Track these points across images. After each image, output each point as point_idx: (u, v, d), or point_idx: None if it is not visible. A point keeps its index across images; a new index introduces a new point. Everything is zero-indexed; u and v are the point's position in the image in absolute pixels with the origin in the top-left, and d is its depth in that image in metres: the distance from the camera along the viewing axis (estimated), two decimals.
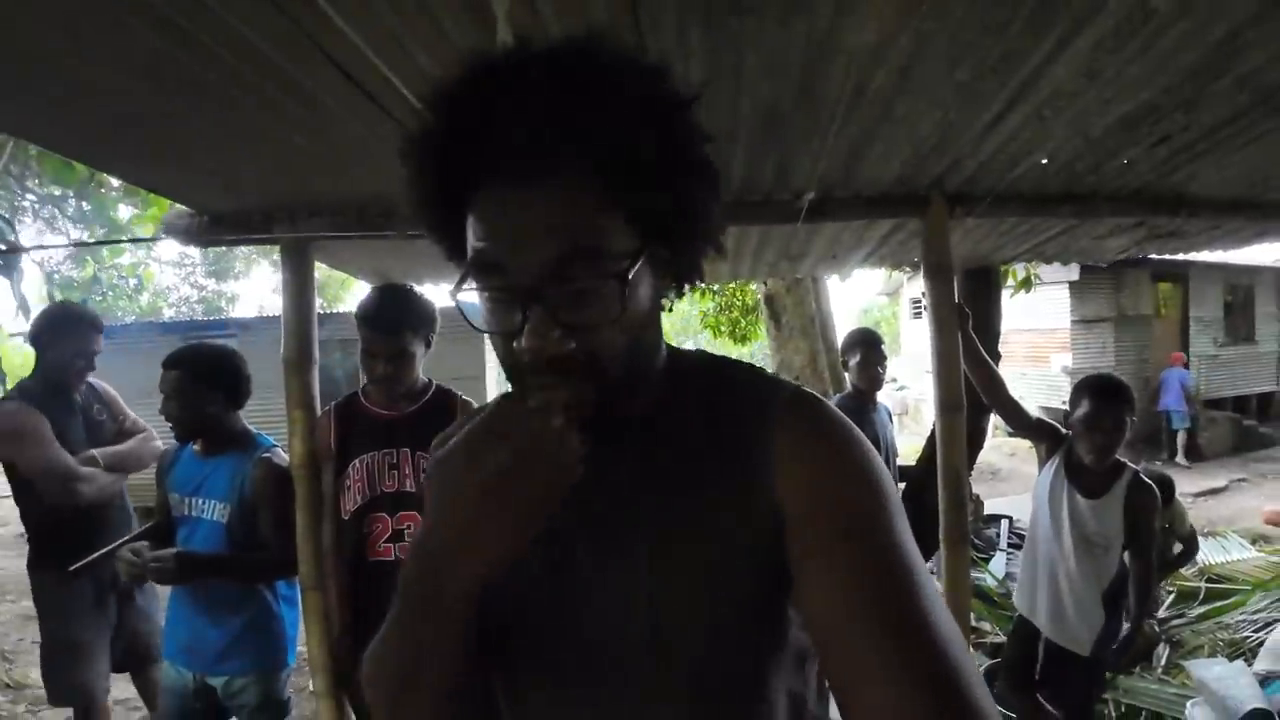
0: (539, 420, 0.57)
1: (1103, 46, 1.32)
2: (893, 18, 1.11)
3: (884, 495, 0.60)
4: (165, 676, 2.06)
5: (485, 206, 0.59)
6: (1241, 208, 2.49)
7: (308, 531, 1.90)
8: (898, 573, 0.56)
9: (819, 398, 0.67)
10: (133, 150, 1.53)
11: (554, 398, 0.59)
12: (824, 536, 0.59)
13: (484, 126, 0.56)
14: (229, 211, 1.85)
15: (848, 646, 0.54)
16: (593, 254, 0.57)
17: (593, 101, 0.55)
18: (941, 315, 1.97)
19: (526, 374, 0.60)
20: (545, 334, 0.57)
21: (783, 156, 1.68)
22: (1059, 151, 1.82)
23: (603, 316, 0.58)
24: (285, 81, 1.21)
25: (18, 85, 1.23)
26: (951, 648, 0.52)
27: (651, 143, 0.57)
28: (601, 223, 0.58)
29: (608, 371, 0.60)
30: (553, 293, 0.57)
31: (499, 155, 0.56)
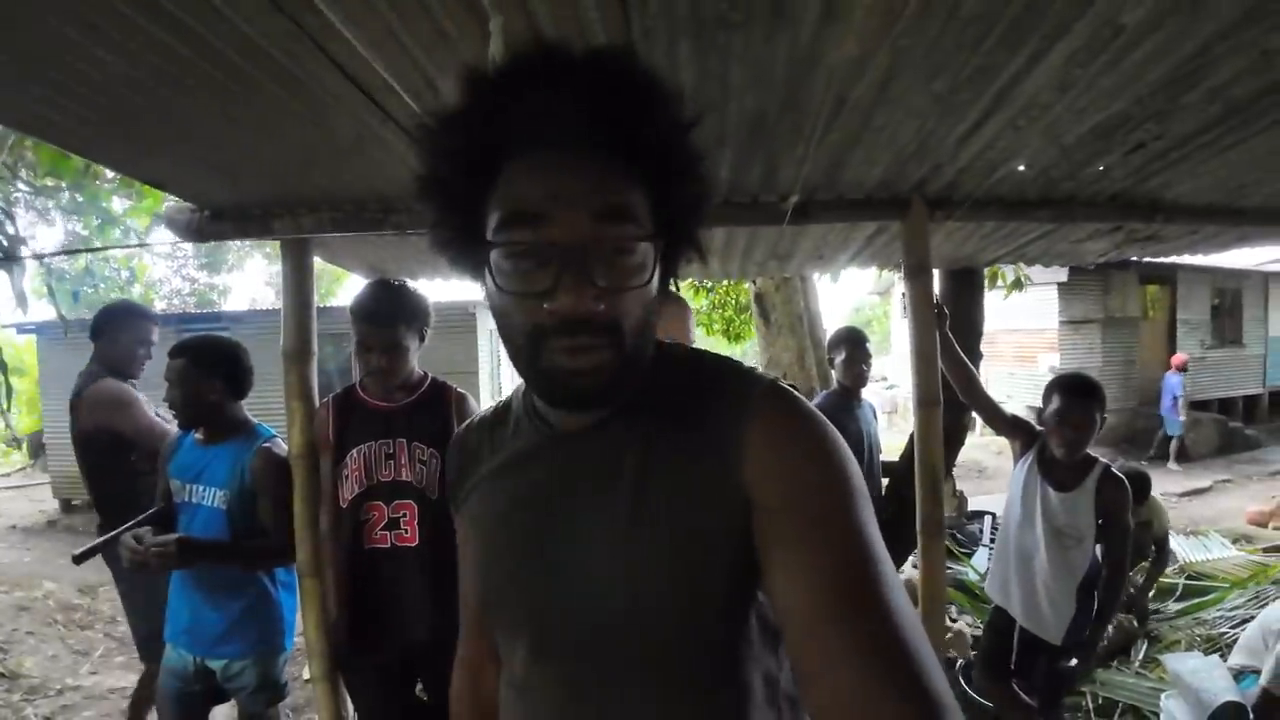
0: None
1: (1074, 60, 1.37)
2: (871, 34, 1.16)
3: (850, 487, 0.61)
4: (166, 658, 2.11)
5: (523, 169, 0.62)
6: (1217, 213, 2.54)
7: (306, 520, 1.94)
8: (860, 562, 0.57)
9: (792, 392, 0.69)
10: (133, 144, 1.57)
11: (582, 358, 0.61)
12: (789, 526, 0.60)
13: (529, 100, 0.60)
14: (229, 206, 1.89)
15: (810, 633, 0.55)
16: (628, 215, 0.61)
17: (628, 94, 0.60)
18: (920, 315, 2.03)
19: (552, 335, 0.61)
20: (583, 291, 0.59)
21: (769, 161, 1.74)
22: (1036, 158, 1.87)
23: (634, 280, 0.62)
24: (286, 79, 1.26)
25: (20, 81, 1.26)
26: (911, 635, 0.53)
27: (677, 143, 0.63)
28: (633, 191, 0.62)
29: (625, 340, 0.63)
30: (592, 250, 0.60)
31: (543, 123, 0.61)
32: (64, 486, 8.48)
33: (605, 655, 0.68)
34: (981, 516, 5.24)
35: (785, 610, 0.58)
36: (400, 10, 1.05)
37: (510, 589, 0.74)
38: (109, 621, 4.99)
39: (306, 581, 1.95)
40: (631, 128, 0.61)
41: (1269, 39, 1.36)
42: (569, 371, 0.62)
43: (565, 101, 0.60)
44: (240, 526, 2.01)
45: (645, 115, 0.61)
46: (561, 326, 0.61)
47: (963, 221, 2.16)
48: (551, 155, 0.61)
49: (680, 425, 0.68)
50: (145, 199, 4.83)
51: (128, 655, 4.49)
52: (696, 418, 0.68)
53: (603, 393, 0.64)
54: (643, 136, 0.61)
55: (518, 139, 0.62)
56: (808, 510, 0.60)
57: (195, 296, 14.48)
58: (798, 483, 0.62)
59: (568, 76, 0.60)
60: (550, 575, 0.70)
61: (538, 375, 0.65)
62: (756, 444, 0.64)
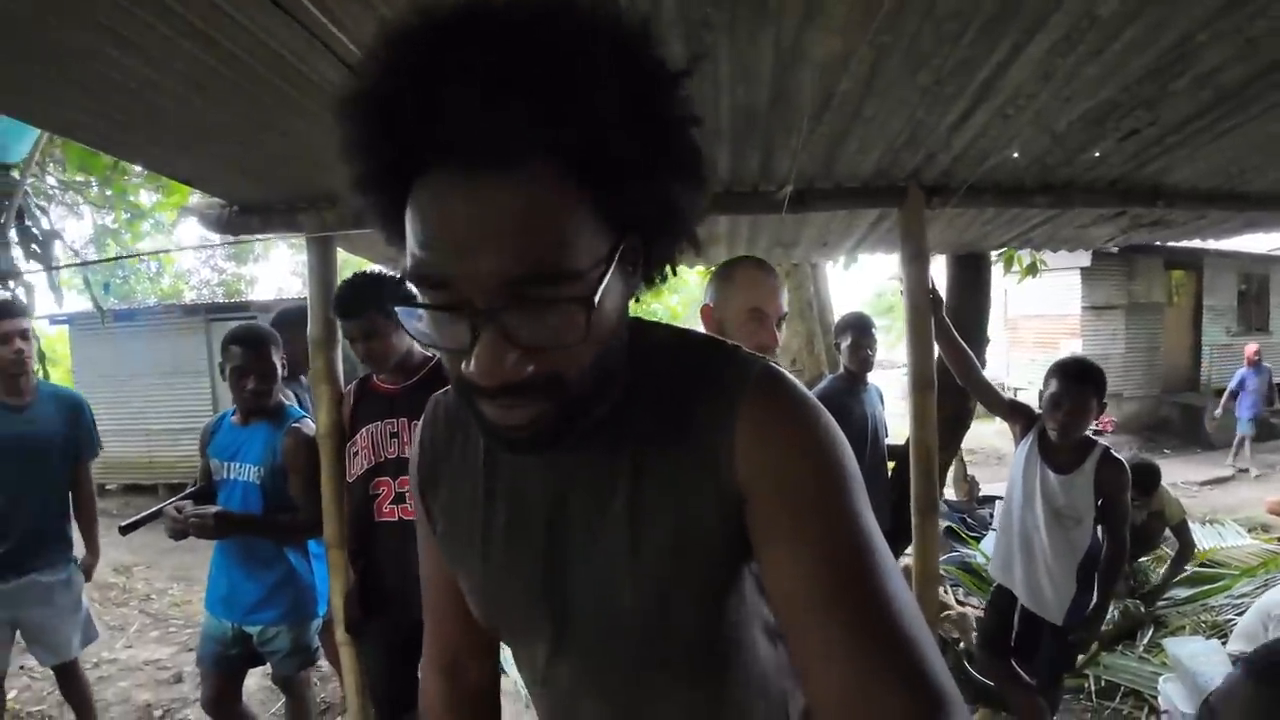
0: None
1: (1055, 51, 1.41)
2: (852, 31, 1.22)
3: (843, 474, 0.59)
4: (205, 624, 2.27)
5: (427, 199, 0.49)
6: (1221, 198, 2.55)
7: (333, 495, 2.06)
8: (854, 551, 0.56)
9: (783, 375, 0.65)
10: (163, 145, 1.67)
11: (515, 414, 0.55)
12: (782, 517, 0.58)
13: (429, 95, 0.46)
14: (256, 201, 2.00)
15: (806, 624, 0.54)
16: (556, 274, 0.49)
17: (563, 72, 0.45)
18: (916, 301, 2.09)
19: (476, 392, 0.54)
20: (499, 359, 0.50)
21: (765, 151, 1.80)
22: (1029, 146, 1.91)
23: (566, 339, 0.51)
24: (307, 86, 1.35)
25: (57, 89, 1.37)
26: (909, 625, 0.52)
27: (631, 125, 0.48)
28: (569, 226, 0.49)
29: (571, 390, 0.55)
30: (510, 313, 0.49)
31: (451, 131, 0.46)
32: (97, 472, 8.75)
33: (625, 656, 0.68)
34: (992, 501, 5.24)
35: (781, 601, 0.57)
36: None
37: (523, 609, 0.72)
38: (144, 599, 5.20)
39: (333, 553, 2.07)
40: (574, 121, 0.46)
41: (1252, 26, 1.37)
42: (505, 427, 0.56)
43: (478, 99, 0.45)
44: (273, 501, 2.16)
45: (592, 99, 0.46)
46: (485, 391, 0.53)
47: (960, 208, 2.20)
48: (455, 183, 0.47)
49: (669, 424, 0.64)
50: (173, 194, 4.98)
51: (161, 630, 4.68)
52: (685, 414, 0.64)
53: (546, 442, 0.57)
54: (590, 130, 0.47)
55: (423, 145, 0.48)
56: (800, 501, 0.58)
57: (223, 286, 14.78)
58: (788, 473, 0.59)
59: (484, 56, 0.45)
60: (565, 586, 0.68)
61: (478, 423, 0.58)
62: (746, 437, 0.61)
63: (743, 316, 1.56)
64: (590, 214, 0.50)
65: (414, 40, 0.47)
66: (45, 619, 2.49)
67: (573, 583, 0.68)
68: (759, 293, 1.57)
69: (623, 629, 0.66)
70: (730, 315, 1.58)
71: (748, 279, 1.60)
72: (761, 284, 1.59)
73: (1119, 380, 10.81)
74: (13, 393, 2.37)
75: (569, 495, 0.68)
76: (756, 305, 1.56)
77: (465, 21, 0.46)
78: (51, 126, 1.69)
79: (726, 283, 1.61)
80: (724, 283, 1.62)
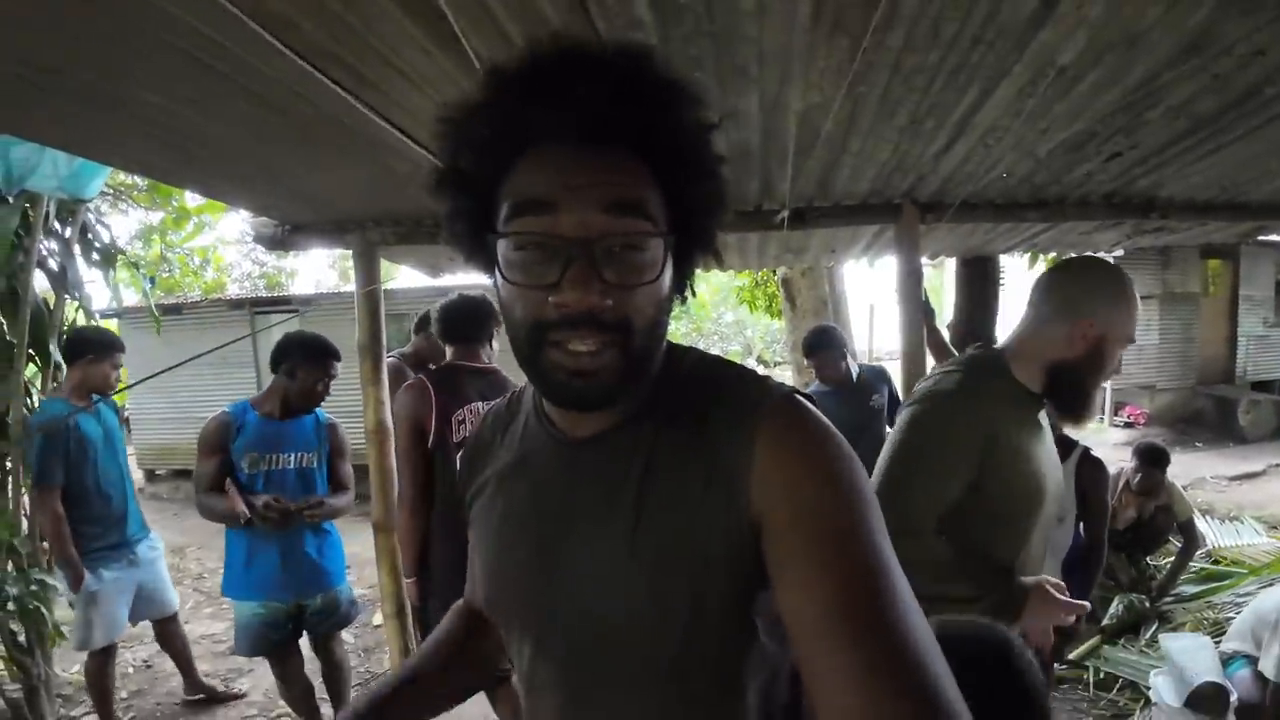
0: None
1: (1023, 93, 1.50)
2: (826, 88, 1.38)
3: (860, 500, 0.60)
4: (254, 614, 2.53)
5: (537, 161, 0.61)
6: (1218, 208, 2.61)
7: (380, 485, 2.29)
8: (871, 577, 0.56)
9: (804, 404, 0.66)
10: (227, 180, 1.89)
11: (585, 358, 0.60)
12: (799, 542, 0.59)
13: (547, 94, 0.59)
14: (308, 222, 2.23)
15: (821, 650, 0.54)
16: (640, 209, 0.60)
17: (645, 90, 0.60)
18: (909, 313, 2.23)
19: (554, 330, 0.60)
20: (589, 285, 0.58)
21: (764, 177, 1.96)
22: (1015, 168, 2.02)
23: (644, 276, 0.60)
24: (352, 135, 1.55)
25: (133, 137, 1.56)
26: (924, 653, 0.53)
27: (694, 141, 0.62)
28: (647, 188, 0.61)
29: (634, 339, 0.61)
30: (600, 244, 0.59)
31: (559, 116, 0.60)
32: (148, 458, 9.21)
33: (606, 663, 0.69)
34: None
35: (796, 627, 0.57)
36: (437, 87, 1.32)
37: (516, 593, 0.74)
38: (196, 578, 5.54)
39: (380, 536, 2.31)
40: (647, 124, 0.60)
41: (1217, 64, 1.45)
42: (570, 371, 0.61)
43: (581, 96, 0.59)
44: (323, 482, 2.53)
45: (661, 112, 0.61)
46: (564, 321, 0.59)
47: (955, 223, 2.34)
48: (566, 149, 0.60)
49: (686, 441, 0.66)
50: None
51: (215, 607, 5.01)
52: (702, 432, 0.66)
53: (606, 394, 0.62)
54: (658, 133, 0.61)
55: (534, 132, 0.61)
56: (817, 526, 0.58)
57: (264, 279, 15.25)
58: (806, 499, 0.60)
59: (585, 72, 0.59)
60: (555, 584, 0.70)
61: (538, 374, 0.64)
62: (763, 462, 0.62)
63: (1121, 343, 1.41)
64: (659, 198, 0.62)
65: (536, 59, 0.61)
66: (155, 580, 3.12)
67: (566, 580, 0.69)
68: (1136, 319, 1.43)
69: (607, 634, 0.67)
70: (1117, 338, 1.41)
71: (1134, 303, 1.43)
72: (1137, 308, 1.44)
73: (1153, 372, 10.67)
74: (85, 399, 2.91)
75: (579, 494, 0.70)
76: (1131, 334, 1.42)
77: (575, 48, 0.61)
78: (126, 167, 1.92)
79: (1122, 302, 1.41)
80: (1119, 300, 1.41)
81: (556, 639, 0.71)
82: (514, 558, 0.74)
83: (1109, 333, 1.41)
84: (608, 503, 0.67)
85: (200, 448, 2.48)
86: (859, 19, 1.14)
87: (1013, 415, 1.41)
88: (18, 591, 2.74)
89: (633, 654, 0.67)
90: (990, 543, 1.40)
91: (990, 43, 1.29)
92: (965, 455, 1.34)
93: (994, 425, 1.36)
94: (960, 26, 1.22)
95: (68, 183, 2.42)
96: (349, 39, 1.13)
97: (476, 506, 0.82)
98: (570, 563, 0.69)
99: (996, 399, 1.41)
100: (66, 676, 3.83)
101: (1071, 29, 1.26)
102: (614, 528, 0.66)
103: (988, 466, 1.35)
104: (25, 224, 2.92)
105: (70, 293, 3.25)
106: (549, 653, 0.72)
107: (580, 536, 0.69)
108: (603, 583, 0.67)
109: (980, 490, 1.35)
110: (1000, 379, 1.45)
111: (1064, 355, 1.43)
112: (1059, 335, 1.41)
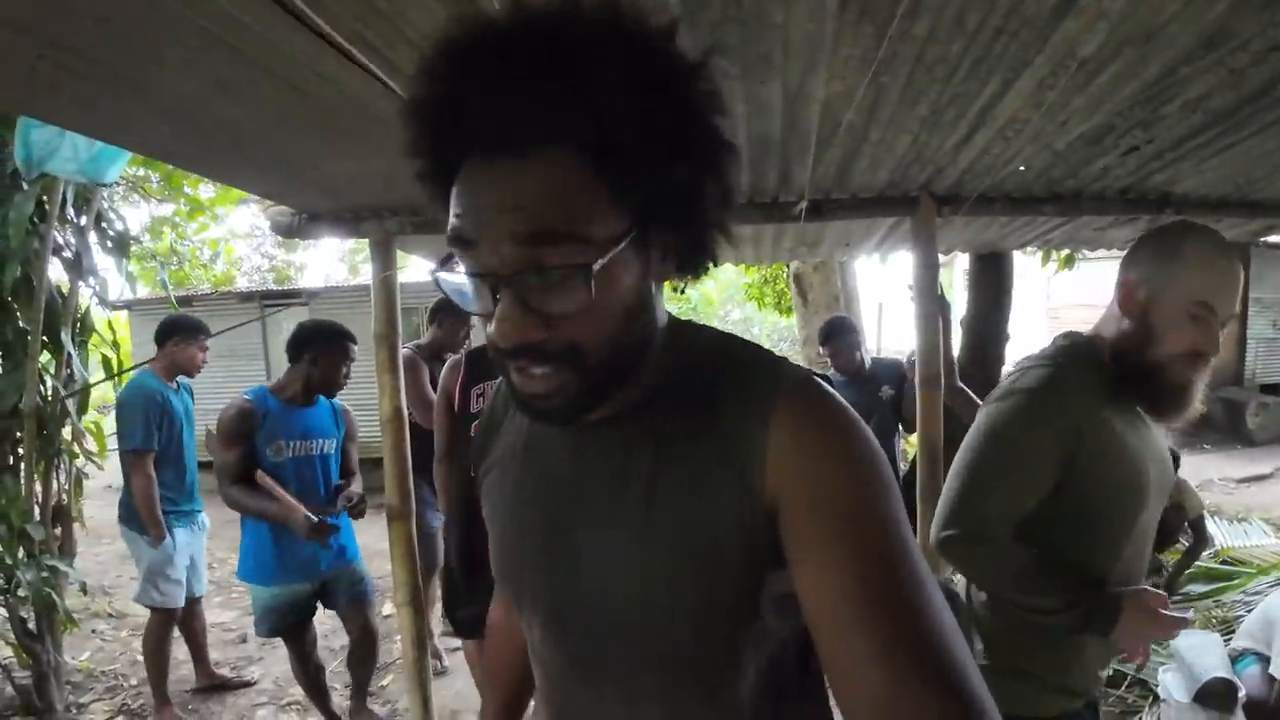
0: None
1: (1044, 85, 1.51)
2: (851, 77, 1.38)
3: (879, 484, 0.59)
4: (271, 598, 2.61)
5: (462, 180, 0.57)
6: (1231, 206, 2.61)
7: (396, 473, 2.30)
8: (889, 562, 0.55)
9: (820, 385, 0.65)
10: (246, 167, 1.89)
11: (536, 383, 0.59)
12: (817, 527, 0.58)
13: (464, 95, 0.53)
14: (325, 211, 2.23)
15: (840, 634, 0.54)
16: (559, 238, 0.54)
17: (576, 71, 0.52)
18: (925, 307, 2.23)
19: (507, 355, 0.59)
20: (515, 320, 0.56)
21: (782, 168, 1.96)
22: (1032, 161, 2.03)
23: (572, 306, 0.56)
24: (377, 122, 1.55)
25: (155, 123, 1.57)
26: (945, 638, 0.52)
27: (636, 119, 0.53)
28: (576, 203, 0.54)
29: (588, 360, 0.59)
30: (522, 279, 0.55)
31: (475, 126, 0.54)
32: None
33: (616, 646, 0.68)
34: None
35: (815, 612, 0.56)
36: None
37: (526, 574, 0.74)
38: (206, 567, 5.58)
39: (395, 525, 2.32)
40: (582, 115, 0.52)
41: (1233, 59, 1.45)
42: (529, 394, 0.60)
43: (500, 94, 0.52)
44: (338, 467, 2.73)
45: (601, 95, 0.52)
46: (506, 351, 0.58)
47: (971, 216, 2.33)
48: (485, 165, 0.55)
49: (697, 422, 0.65)
50: (231, 190, 5.29)
51: (224, 596, 5.05)
52: (715, 414, 0.64)
53: (572, 411, 0.61)
54: (598, 123, 0.53)
55: (465, 136, 0.56)
56: (835, 511, 0.57)
57: (274, 272, 15.31)
58: (823, 483, 0.59)
59: (508, 59, 0.52)
60: (564, 568, 0.69)
61: (509, 390, 0.63)
62: (779, 444, 0.61)
63: (1181, 310, 1.21)
64: (605, 196, 0.55)
65: (448, 53, 0.54)
66: (199, 555, 3.46)
67: (576, 563, 0.68)
68: (1214, 282, 1.21)
69: (617, 618, 0.66)
70: (1165, 302, 1.22)
71: (1202, 259, 1.22)
72: (1220, 271, 1.22)
73: None
74: (172, 379, 3.25)
75: (590, 475, 0.69)
76: (1205, 299, 1.20)
77: (491, 32, 0.54)
78: (148, 152, 1.92)
79: (1172, 259, 1.23)
80: (1167, 258, 1.24)
81: (566, 621, 0.71)
82: (523, 539, 0.74)
83: (1161, 295, 1.22)
84: (618, 487, 0.66)
85: (222, 436, 2.51)
86: (886, 6, 1.14)
87: (1105, 409, 1.26)
88: (30, 578, 2.76)
89: (643, 637, 0.66)
90: (1079, 549, 1.27)
91: (1014, 33, 1.29)
92: (1046, 457, 1.22)
93: (1080, 422, 1.22)
94: (985, 16, 1.22)
95: (87, 167, 2.44)
96: (377, 21, 1.13)
97: (487, 482, 0.82)
98: (580, 546, 0.68)
99: (1084, 392, 1.26)
100: (76, 664, 3.87)
101: (1093, 21, 1.26)
102: (625, 512, 0.65)
103: (1074, 468, 1.22)
104: (41, 210, 2.95)
105: (85, 280, 3.28)
106: (559, 634, 0.72)
107: (590, 520, 0.68)
108: (614, 567, 0.66)
109: (1067, 493, 1.24)
110: (1089, 369, 1.29)
111: (1117, 330, 1.28)
112: (1113, 307, 1.28)
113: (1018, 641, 1.33)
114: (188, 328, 3.25)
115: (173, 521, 3.18)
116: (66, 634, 3.39)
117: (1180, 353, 1.23)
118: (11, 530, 2.87)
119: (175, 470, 3.23)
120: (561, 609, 0.71)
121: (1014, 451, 1.24)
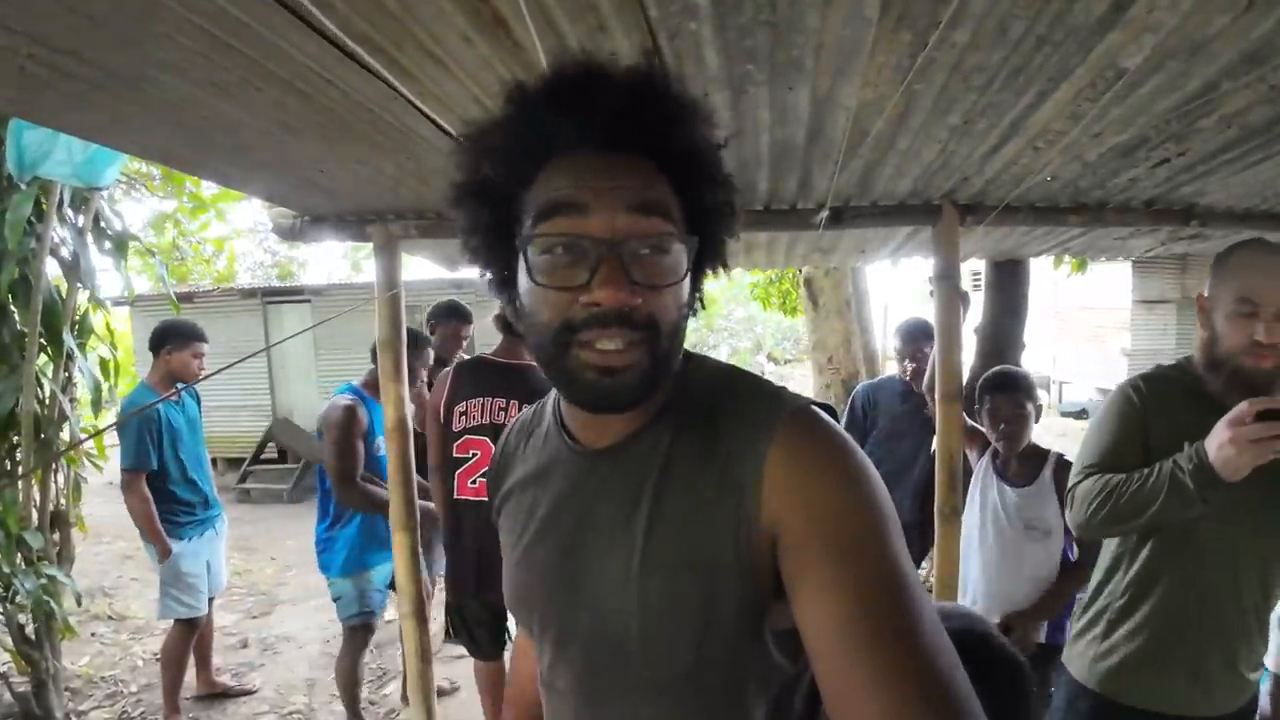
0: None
1: (1082, 96, 1.46)
2: (883, 84, 1.32)
3: (877, 513, 0.60)
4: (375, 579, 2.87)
5: (563, 166, 0.64)
6: (1256, 218, 2.55)
7: (400, 481, 2.24)
8: (889, 591, 0.56)
9: (820, 416, 0.67)
10: (248, 170, 1.83)
11: (614, 355, 0.62)
12: (816, 557, 0.58)
13: (571, 105, 0.64)
14: (328, 214, 2.17)
15: (840, 664, 0.54)
16: (663, 210, 0.64)
17: (666, 105, 0.65)
18: (945, 317, 2.17)
19: (584, 329, 0.62)
20: (620, 282, 0.60)
21: (803, 175, 1.89)
22: (1061, 171, 1.97)
23: (669, 277, 0.64)
24: (383, 126, 1.49)
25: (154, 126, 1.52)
26: (943, 664, 0.53)
27: (706, 154, 0.67)
28: (667, 193, 0.65)
29: (660, 339, 0.64)
30: (627, 246, 0.62)
31: (583, 126, 0.64)
32: None
33: (620, 671, 0.70)
34: None
35: (815, 641, 0.57)
36: (475, 76, 1.26)
37: (536, 600, 0.76)
38: None
39: (399, 535, 2.27)
40: (663, 135, 0.64)
41: (1275, 75, 1.41)
42: (599, 369, 0.62)
43: (601, 106, 0.63)
44: None
45: (676, 125, 0.65)
46: (594, 320, 0.61)
47: (994, 226, 2.27)
48: (588, 155, 0.64)
49: (700, 451, 0.67)
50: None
51: (224, 599, 4.98)
52: (717, 444, 0.67)
53: (631, 393, 0.64)
54: (673, 144, 0.65)
55: (556, 141, 0.64)
56: (833, 541, 0.58)
57: (276, 269, 15.25)
58: (820, 509, 0.60)
59: (604, 85, 0.63)
60: (572, 594, 0.71)
61: (566, 375, 0.65)
62: (777, 475, 0.62)
63: (1230, 308, 1.35)
64: (677, 205, 0.67)
65: (556, 80, 0.66)
66: (217, 557, 3.41)
67: (583, 590, 0.71)
68: (1256, 279, 1.34)
69: (621, 643, 0.68)
70: (1218, 306, 1.38)
71: (1244, 261, 1.38)
72: (1260, 268, 1.35)
73: None
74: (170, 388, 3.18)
75: (598, 500, 0.71)
76: (1245, 295, 1.34)
77: (589, 70, 0.65)
78: (145, 154, 1.86)
79: (1221, 268, 1.39)
80: (1218, 269, 1.40)
81: (574, 647, 0.73)
82: (535, 565, 0.77)
83: (1215, 301, 1.40)
84: (623, 514, 0.69)
85: (345, 435, 2.63)
86: (926, 13, 1.08)
87: (1178, 418, 1.40)
88: (30, 586, 2.71)
89: (646, 663, 0.68)
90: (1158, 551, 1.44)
91: (1057, 44, 1.23)
92: (1129, 448, 1.41)
93: (1147, 427, 1.41)
94: (1029, 26, 1.16)
95: (82, 170, 2.37)
96: (385, 22, 1.07)
97: (504, 513, 0.85)
98: (587, 573, 0.71)
99: (1160, 398, 1.44)
100: (75, 670, 3.82)
101: (1138, 33, 1.21)
102: (628, 539, 0.68)
103: (1149, 449, 1.39)
104: (38, 211, 2.88)
105: (83, 281, 3.22)
106: (567, 659, 0.74)
107: (596, 547, 0.70)
108: (617, 594, 0.68)
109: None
110: (1174, 380, 1.46)
111: (1199, 341, 1.43)
112: (1200, 322, 1.44)
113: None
114: (176, 334, 3.19)
115: (191, 531, 3.19)
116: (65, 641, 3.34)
117: (1239, 347, 1.36)
118: (9, 537, 2.81)
119: (188, 483, 3.21)
120: (569, 636, 0.73)
121: (1105, 438, 1.49)
